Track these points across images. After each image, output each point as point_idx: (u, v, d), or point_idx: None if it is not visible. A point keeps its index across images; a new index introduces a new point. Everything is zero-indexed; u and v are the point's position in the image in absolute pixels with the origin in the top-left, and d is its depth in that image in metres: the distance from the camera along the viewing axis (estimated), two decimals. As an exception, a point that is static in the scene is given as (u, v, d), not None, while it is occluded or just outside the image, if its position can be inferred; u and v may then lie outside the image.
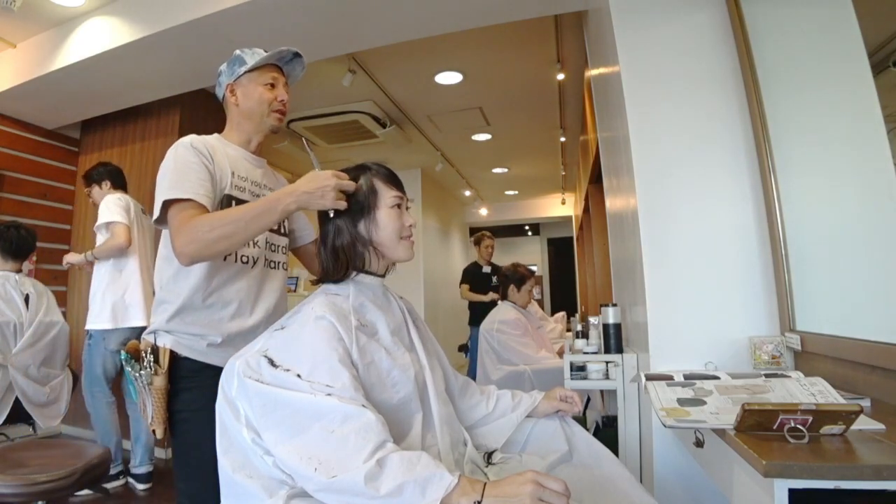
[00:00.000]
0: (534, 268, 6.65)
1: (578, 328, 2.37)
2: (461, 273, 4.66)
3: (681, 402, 1.05)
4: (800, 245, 1.40)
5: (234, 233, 1.05)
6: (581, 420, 2.19)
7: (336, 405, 0.80)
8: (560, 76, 3.57)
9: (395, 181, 1.07)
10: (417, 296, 5.78)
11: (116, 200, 2.52)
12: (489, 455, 1.11)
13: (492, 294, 4.25)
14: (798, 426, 0.81)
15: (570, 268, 8.38)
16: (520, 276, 3.14)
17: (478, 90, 3.87)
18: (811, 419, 0.81)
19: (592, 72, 2.70)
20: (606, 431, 2.79)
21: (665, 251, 1.59)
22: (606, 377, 1.95)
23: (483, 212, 8.47)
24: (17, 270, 2.35)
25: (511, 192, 7.92)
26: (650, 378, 1.23)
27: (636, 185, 1.63)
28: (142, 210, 2.69)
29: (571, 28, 3.00)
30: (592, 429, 2.91)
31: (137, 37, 2.51)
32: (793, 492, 0.75)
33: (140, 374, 1.11)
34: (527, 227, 10.61)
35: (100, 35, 2.66)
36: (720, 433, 0.93)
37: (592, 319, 2.21)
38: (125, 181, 2.77)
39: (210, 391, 0.93)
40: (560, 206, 8.09)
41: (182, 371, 1.14)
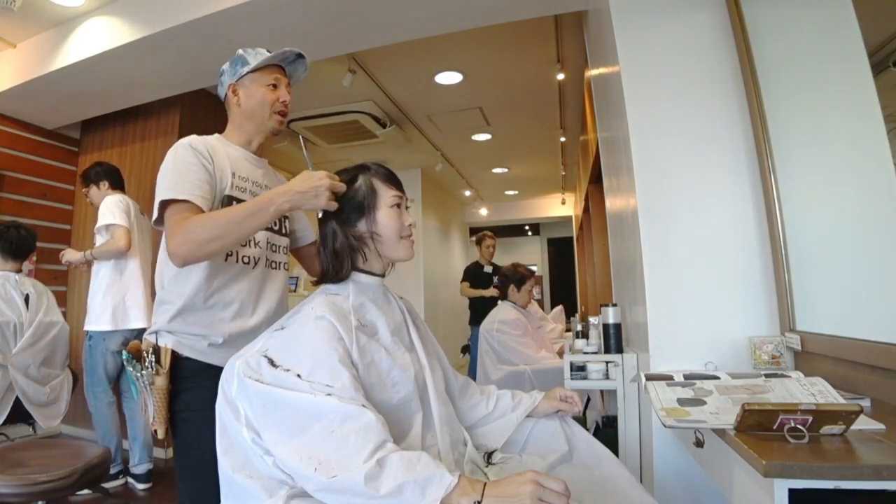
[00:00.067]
0: (534, 268, 6.65)
1: (578, 328, 2.37)
2: (462, 272, 4.66)
3: (681, 402, 1.05)
4: (800, 245, 1.40)
5: (227, 233, 1.04)
6: (581, 420, 2.19)
7: (336, 405, 0.80)
8: (560, 76, 3.56)
9: (395, 181, 1.07)
10: (417, 296, 5.78)
11: (118, 202, 2.52)
12: (489, 455, 1.11)
13: (492, 289, 4.23)
14: (798, 426, 0.81)
15: (570, 268, 8.38)
16: (520, 276, 3.14)
17: (478, 90, 3.87)
18: (811, 419, 0.81)
19: (592, 72, 2.70)
20: (606, 431, 2.79)
21: (665, 251, 1.59)
22: (606, 377, 1.95)
23: (483, 212, 8.47)
24: (17, 270, 2.35)
25: (511, 192, 7.92)
26: (650, 378, 1.23)
27: (636, 185, 1.63)
28: (140, 211, 2.69)
29: (571, 28, 3.00)
30: (592, 429, 2.91)
31: (137, 37, 2.51)
32: (793, 492, 0.75)
33: (142, 375, 1.11)
34: (527, 227, 10.61)
35: (100, 35, 2.66)
36: (720, 433, 0.93)
37: (592, 319, 2.21)
38: (123, 181, 2.77)
39: (211, 391, 0.93)
40: (560, 206, 8.09)
41: (183, 371, 1.14)
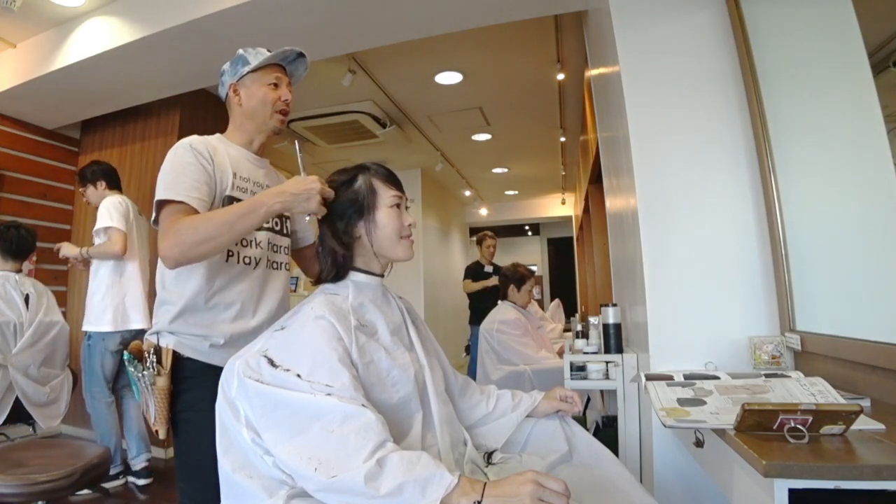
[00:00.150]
0: (534, 268, 6.65)
1: (578, 328, 2.37)
2: (462, 272, 4.65)
3: (681, 402, 1.05)
4: (800, 245, 1.40)
5: (219, 235, 1.04)
6: (581, 420, 2.19)
7: (336, 405, 0.80)
8: (560, 76, 3.56)
9: (395, 181, 1.07)
10: (417, 296, 5.78)
11: (117, 205, 2.51)
12: (489, 455, 1.11)
13: (493, 279, 4.20)
14: (798, 426, 0.81)
15: (570, 268, 8.37)
16: (520, 276, 3.14)
17: (478, 90, 3.87)
18: (811, 419, 0.81)
19: (592, 72, 2.70)
20: (606, 431, 2.79)
21: (665, 251, 1.59)
22: (606, 377, 1.95)
23: (483, 212, 8.47)
24: (17, 270, 2.35)
25: (511, 192, 7.92)
26: (650, 378, 1.23)
27: (636, 185, 1.63)
28: (138, 212, 2.68)
29: (571, 28, 3.00)
30: (592, 429, 2.91)
31: (137, 37, 2.51)
32: (793, 492, 0.75)
33: (143, 375, 1.11)
34: (527, 227, 10.60)
35: (100, 35, 2.66)
36: (720, 433, 0.93)
37: (592, 319, 2.21)
38: (119, 180, 2.76)
39: (212, 392, 0.93)
40: (560, 206, 8.09)
41: (185, 371, 1.14)
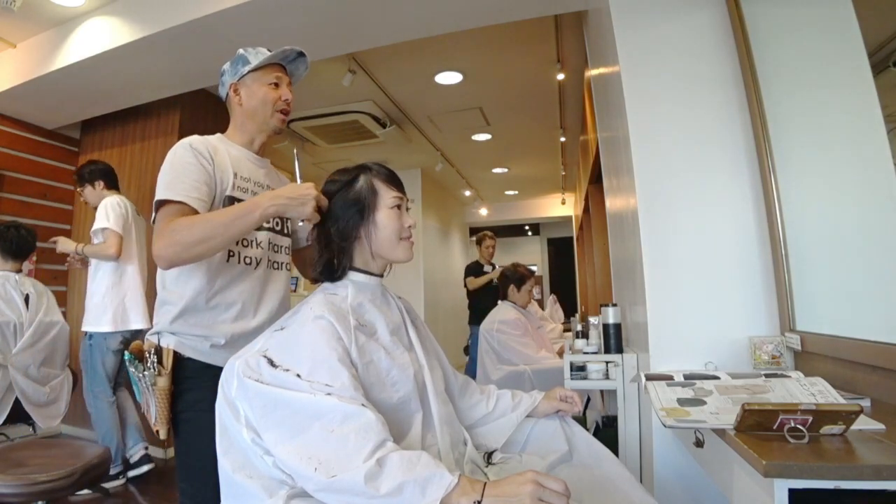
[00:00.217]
0: (534, 268, 6.65)
1: (578, 328, 2.37)
2: (462, 272, 4.65)
3: (681, 402, 1.05)
4: (800, 245, 1.40)
5: (214, 236, 1.04)
6: (581, 420, 2.19)
7: (336, 405, 0.80)
8: (560, 76, 3.56)
9: (396, 181, 1.07)
10: (417, 296, 5.78)
11: (115, 206, 2.50)
12: (489, 455, 1.11)
13: (497, 270, 4.19)
14: (798, 426, 0.81)
15: (570, 268, 8.36)
16: (520, 276, 3.14)
17: (478, 90, 3.87)
18: (811, 419, 0.81)
19: (592, 72, 2.70)
20: (606, 431, 2.79)
21: (665, 251, 1.59)
22: (606, 377, 1.95)
23: (483, 212, 8.47)
24: (17, 270, 2.35)
25: (511, 192, 7.92)
26: (650, 378, 1.23)
27: (636, 185, 1.63)
28: (137, 212, 2.68)
29: (571, 28, 3.00)
30: (592, 429, 2.91)
31: (137, 37, 2.51)
32: (793, 492, 0.75)
33: (144, 375, 1.11)
34: (527, 227, 10.60)
35: (100, 35, 2.66)
36: (720, 433, 0.93)
37: (592, 319, 2.21)
38: (117, 180, 2.75)
39: (213, 392, 0.93)
40: (560, 206, 8.09)
41: (186, 371, 1.14)
